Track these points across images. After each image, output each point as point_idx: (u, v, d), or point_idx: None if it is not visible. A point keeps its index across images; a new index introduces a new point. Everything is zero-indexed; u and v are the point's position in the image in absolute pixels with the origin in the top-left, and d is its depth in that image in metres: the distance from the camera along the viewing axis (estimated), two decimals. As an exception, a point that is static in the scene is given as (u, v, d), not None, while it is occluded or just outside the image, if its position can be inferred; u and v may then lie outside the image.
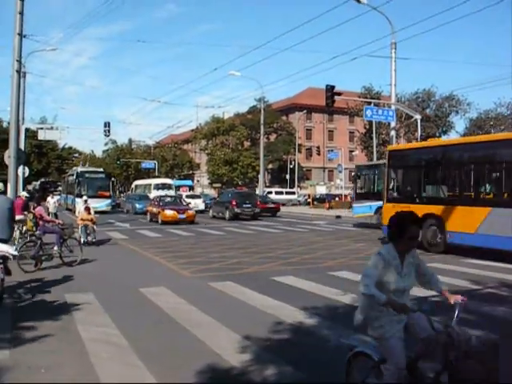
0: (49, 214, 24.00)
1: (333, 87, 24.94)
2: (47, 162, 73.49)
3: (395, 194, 18.01)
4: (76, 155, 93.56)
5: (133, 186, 55.14)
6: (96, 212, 30.66)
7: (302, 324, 7.47)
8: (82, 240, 16.71)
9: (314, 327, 7.32)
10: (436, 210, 15.86)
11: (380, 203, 20.51)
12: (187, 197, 40.32)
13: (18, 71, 22.10)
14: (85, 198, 21.84)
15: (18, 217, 13.16)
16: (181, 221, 28.39)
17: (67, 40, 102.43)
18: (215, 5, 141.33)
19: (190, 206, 34.28)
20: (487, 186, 15.69)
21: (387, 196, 18.21)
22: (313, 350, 6.34)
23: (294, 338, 6.85)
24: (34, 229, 15.59)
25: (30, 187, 58.16)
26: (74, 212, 32.55)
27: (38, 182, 74.17)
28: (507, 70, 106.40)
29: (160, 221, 28.75)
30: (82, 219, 18.54)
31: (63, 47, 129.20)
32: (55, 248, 13.50)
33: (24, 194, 17.75)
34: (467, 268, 13.03)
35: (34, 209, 15.48)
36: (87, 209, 18.96)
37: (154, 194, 44.71)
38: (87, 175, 39.74)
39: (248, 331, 6.94)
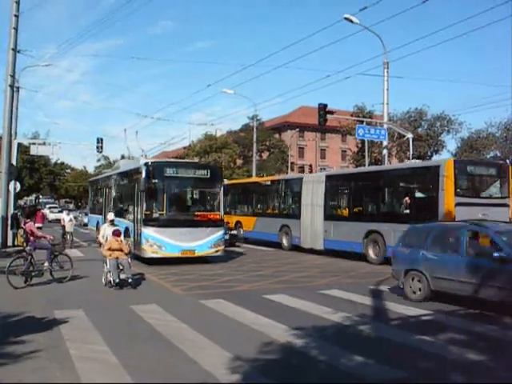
0: (64, 234, 23.63)
1: (325, 106, 25.06)
2: (39, 178, 73.10)
3: (227, 209, 27.27)
4: (68, 171, 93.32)
5: None
6: (191, 259, 17.30)
7: (292, 343, 7.43)
8: (111, 280, 12.38)
9: (305, 347, 7.28)
10: (241, 218, 28.25)
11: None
12: None
13: (12, 86, 22.16)
14: (111, 216, 14.75)
15: (37, 225, 16.75)
16: None
17: (61, 55, 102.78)
18: (209, 23, 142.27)
19: None
20: (258, 206, 27.69)
21: (225, 211, 25.77)
22: (303, 370, 6.31)
23: (284, 358, 6.81)
24: (25, 244, 15.49)
25: (21, 202, 57.79)
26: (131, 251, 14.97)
27: (33, 197, 73.82)
28: (498, 90, 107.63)
29: None
30: (110, 249, 12.81)
31: (56, 62, 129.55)
32: (46, 264, 13.39)
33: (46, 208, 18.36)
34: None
35: (24, 224, 15.36)
36: (117, 233, 13.22)
37: None
38: (172, 172, 17.84)
39: (239, 350, 6.89)
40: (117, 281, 12.29)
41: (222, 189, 18.71)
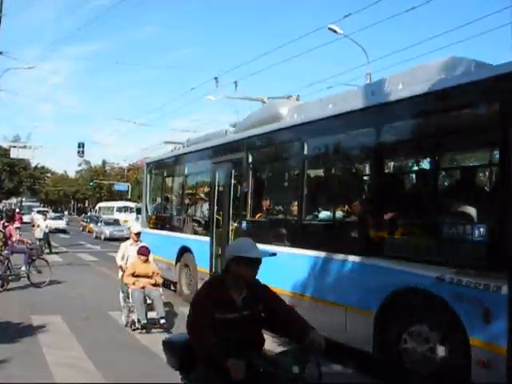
0: (42, 239, 22.47)
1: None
2: (19, 181, 72.41)
3: None
4: (48, 175, 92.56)
5: (97, 207, 54.61)
6: None
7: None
8: (135, 320, 8.47)
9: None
10: None
11: None
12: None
13: (-7, 88, 21.97)
14: (136, 228, 10.14)
15: (16, 224, 16.81)
16: None
17: (44, 58, 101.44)
18: (194, 29, 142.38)
19: None
20: None
21: None
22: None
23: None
24: (2, 248, 15.28)
25: (0, 206, 57.10)
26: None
27: (13, 201, 73.21)
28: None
29: None
30: (132, 274, 8.81)
31: (39, 65, 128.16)
32: (23, 268, 13.23)
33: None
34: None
35: (4, 227, 15.13)
36: (143, 251, 8.97)
37: (116, 215, 43.44)
38: None
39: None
40: (144, 322, 8.33)
41: None
